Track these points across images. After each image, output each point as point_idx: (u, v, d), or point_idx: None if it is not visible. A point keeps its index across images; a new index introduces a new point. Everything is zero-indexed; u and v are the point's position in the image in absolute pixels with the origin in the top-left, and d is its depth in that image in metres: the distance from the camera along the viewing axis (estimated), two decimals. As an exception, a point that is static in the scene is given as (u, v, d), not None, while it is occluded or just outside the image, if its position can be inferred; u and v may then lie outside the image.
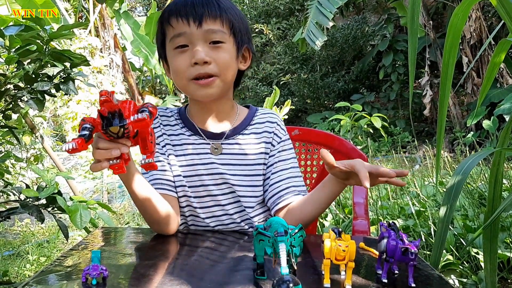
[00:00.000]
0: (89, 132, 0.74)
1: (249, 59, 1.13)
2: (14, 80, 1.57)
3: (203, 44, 1.00)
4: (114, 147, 0.77)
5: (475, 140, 5.69)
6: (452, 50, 1.13)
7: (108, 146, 0.78)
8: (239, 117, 1.15)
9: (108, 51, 8.54)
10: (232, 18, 1.03)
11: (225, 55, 1.02)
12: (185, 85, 1.04)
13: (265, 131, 1.13)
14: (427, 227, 2.38)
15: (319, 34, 5.64)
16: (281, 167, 1.11)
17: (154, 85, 11.84)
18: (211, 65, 1.00)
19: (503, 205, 1.07)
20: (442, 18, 9.54)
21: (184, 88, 1.05)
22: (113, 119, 0.73)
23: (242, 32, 1.06)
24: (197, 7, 0.99)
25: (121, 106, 0.74)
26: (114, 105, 0.73)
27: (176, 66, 1.02)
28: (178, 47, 1.01)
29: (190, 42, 1.00)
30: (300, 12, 10.55)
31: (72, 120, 7.30)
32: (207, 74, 1.00)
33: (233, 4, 1.09)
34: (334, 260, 0.70)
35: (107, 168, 0.79)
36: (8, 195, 1.79)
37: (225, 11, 1.02)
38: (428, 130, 8.19)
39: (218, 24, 1.01)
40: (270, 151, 1.12)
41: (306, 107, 10.43)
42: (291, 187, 1.09)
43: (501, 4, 1.08)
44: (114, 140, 0.77)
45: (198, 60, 0.99)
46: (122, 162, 0.79)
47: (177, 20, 1.00)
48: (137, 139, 0.79)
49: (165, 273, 0.76)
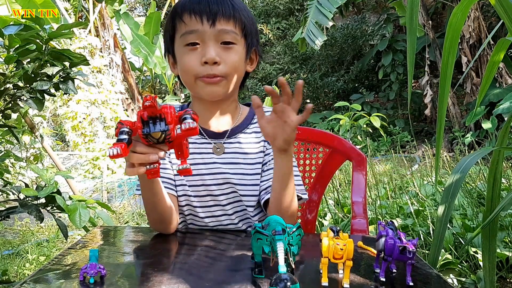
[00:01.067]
0: (128, 136, 0.72)
1: (255, 61, 1.12)
2: (13, 79, 1.57)
3: (214, 44, 0.99)
4: (152, 152, 0.75)
5: (474, 140, 5.69)
6: (451, 50, 1.13)
7: (147, 151, 0.75)
8: (241, 116, 1.15)
9: (108, 50, 8.54)
10: (245, 20, 1.02)
11: (235, 56, 1.01)
12: (192, 82, 1.03)
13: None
14: (426, 226, 2.39)
15: (319, 34, 5.64)
16: (272, 165, 1.09)
17: (153, 85, 11.84)
18: (220, 66, 0.99)
19: (501, 204, 1.08)
20: (442, 17, 9.55)
21: (191, 85, 1.04)
22: (154, 124, 0.72)
23: (252, 34, 1.05)
24: (211, 5, 0.98)
25: (163, 112, 0.72)
26: (157, 110, 0.71)
27: (185, 63, 1.01)
28: (188, 44, 1.00)
29: (202, 40, 0.99)
30: (300, 12, 10.56)
31: (72, 119, 7.31)
32: (215, 75, 1.00)
33: (245, 5, 1.08)
34: (332, 258, 0.70)
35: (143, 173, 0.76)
36: (8, 194, 1.79)
37: (239, 11, 1.01)
38: (427, 130, 8.20)
39: (231, 24, 1.00)
40: (266, 149, 1.12)
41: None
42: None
43: (499, 3, 1.09)
44: (152, 145, 0.75)
45: (208, 60, 0.98)
46: (158, 166, 0.77)
47: (190, 17, 0.98)
48: (172, 144, 0.77)
49: (163, 272, 0.76)
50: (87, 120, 7.32)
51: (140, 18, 10.62)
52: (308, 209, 1.41)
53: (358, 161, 1.36)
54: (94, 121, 7.40)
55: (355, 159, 1.36)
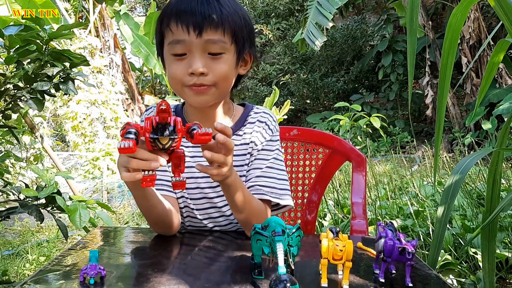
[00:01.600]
0: (135, 137, 0.71)
1: (250, 62, 1.10)
2: (13, 80, 1.57)
3: (201, 54, 0.96)
4: (154, 158, 0.74)
5: (474, 140, 5.69)
6: (451, 50, 1.13)
7: (149, 157, 0.74)
8: (234, 118, 1.13)
9: (108, 51, 8.54)
10: (235, 26, 0.98)
11: (224, 66, 0.99)
12: (179, 90, 1.02)
13: (254, 131, 1.11)
14: (425, 227, 2.39)
15: (319, 35, 5.64)
16: (255, 165, 1.08)
17: (154, 85, 11.85)
18: (208, 76, 0.97)
19: (501, 205, 1.08)
20: (442, 18, 9.56)
21: (179, 92, 1.03)
22: (163, 130, 0.71)
23: (244, 38, 1.02)
24: (198, 15, 0.94)
25: (173, 119, 0.71)
26: (169, 116, 0.71)
27: (172, 73, 1.00)
28: (175, 54, 0.98)
29: (189, 50, 0.96)
30: (300, 12, 10.57)
31: (72, 120, 7.31)
32: (202, 84, 0.98)
33: (238, 4, 1.03)
34: (332, 259, 0.70)
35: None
36: (8, 195, 1.79)
37: (228, 18, 0.97)
38: (427, 130, 8.20)
39: (219, 33, 0.96)
40: (252, 150, 1.10)
41: (306, 107, 10.44)
42: (255, 186, 1.05)
43: (499, 4, 1.09)
44: (154, 152, 0.74)
45: (195, 71, 0.96)
46: (155, 175, 0.76)
47: (177, 26, 0.96)
48: (171, 156, 0.76)
49: (163, 272, 0.77)
50: (87, 121, 7.33)
51: (140, 18, 10.63)
52: (308, 210, 1.41)
53: (358, 162, 1.36)
54: (94, 121, 7.40)
55: (355, 160, 1.37)
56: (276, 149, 1.11)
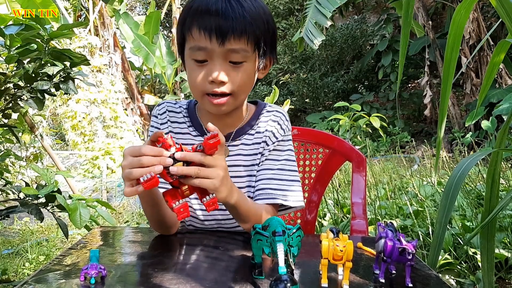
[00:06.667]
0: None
1: (269, 66, 1.08)
2: (14, 79, 1.57)
3: (222, 62, 0.95)
4: (162, 155, 0.76)
5: (474, 140, 5.70)
6: (455, 47, 1.13)
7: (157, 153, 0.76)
8: (247, 117, 1.13)
9: (107, 50, 8.54)
10: (259, 32, 0.96)
11: (243, 75, 0.98)
12: (198, 97, 1.01)
13: (266, 130, 1.11)
14: (425, 227, 2.39)
15: (317, 34, 5.64)
16: (266, 166, 1.08)
17: (153, 84, 11.84)
18: (227, 84, 0.97)
19: (500, 204, 1.08)
20: (442, 18, 9.56)
21: (198, 99, 1.03)
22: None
23: (267, 43, 1.00)
24: (222, 22, 0.91)
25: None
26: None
27: (193, 80, 0.99)
28: (196, 60, 0.97)
29: (210, 57, 0.95)
30: (300, 12, 10.57)
31: (72, 119, 7.32)
32: (222, 92, 0.97)
33: (262, 6, 0.99)
34: (332, 260, 0.70)
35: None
36: (8, 194, 1.79)
37: (252, 25, 0.94)
38: (427, 130, 8.20)
39: (242, 42, 0.94)
40: (263, 150, 1.10)
41: (305, 107, 10.44)
42: (266, 189, 1.05)
43: (500, 4, 1.09)
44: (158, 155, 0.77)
45: (215, 80, 0.95)
46: (155, 177, 0.75)
47: (199, 32, 0.93)
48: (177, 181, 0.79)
49: (164, 272, 0.77)
50: (87, 120, 7.33)
51: (139, 17, 10.62)
52: (308, 210, 1.41)
53: (357, 162, 1.36)
54: (94, 120, 7.40)
55: (355, 160, 1.37)
56: (288, 149, 1.11)
